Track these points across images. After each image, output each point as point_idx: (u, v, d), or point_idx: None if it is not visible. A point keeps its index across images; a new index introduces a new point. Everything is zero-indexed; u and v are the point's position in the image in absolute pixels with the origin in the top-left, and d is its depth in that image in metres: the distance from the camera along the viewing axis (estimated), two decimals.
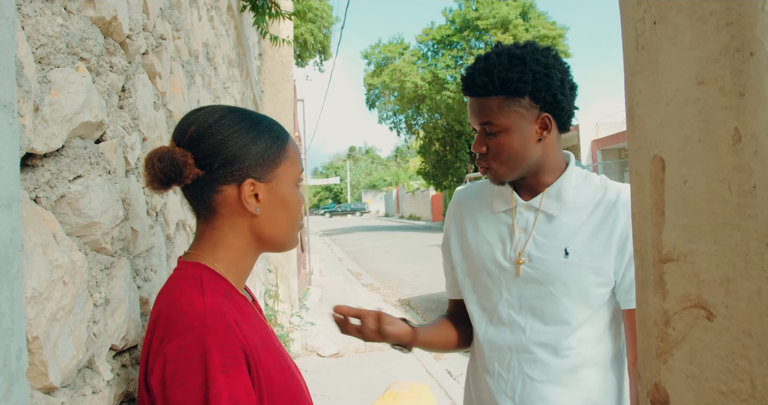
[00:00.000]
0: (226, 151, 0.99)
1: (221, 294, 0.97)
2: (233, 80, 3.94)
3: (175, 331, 0.88)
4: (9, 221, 0.59)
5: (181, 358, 0.86)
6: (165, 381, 0.86)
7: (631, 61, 0.76)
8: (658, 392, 0.73)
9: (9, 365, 0.58)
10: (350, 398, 4.92)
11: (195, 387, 0.85)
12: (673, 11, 0.68)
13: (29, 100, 0.71)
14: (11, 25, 0.62)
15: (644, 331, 0.76)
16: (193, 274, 0.98)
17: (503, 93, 1.33)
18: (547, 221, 1.42)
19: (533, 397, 1.41)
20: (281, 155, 1.04)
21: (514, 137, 1.34)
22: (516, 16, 26.80)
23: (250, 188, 1.00)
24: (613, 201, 1.40)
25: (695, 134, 0.66)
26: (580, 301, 1.38)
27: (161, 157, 0.96)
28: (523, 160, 1.37)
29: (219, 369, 0.86)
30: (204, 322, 0.89)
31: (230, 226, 1.02)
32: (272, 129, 1.06)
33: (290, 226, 1.07)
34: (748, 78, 0.60)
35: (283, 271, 7.24)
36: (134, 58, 1.23)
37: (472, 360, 1.59)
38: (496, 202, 1.50)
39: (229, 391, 0.86)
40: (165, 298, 0.96)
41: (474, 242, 1.51)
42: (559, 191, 1.42)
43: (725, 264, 0.63)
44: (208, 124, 1.00)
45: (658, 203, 0.71)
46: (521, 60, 1.33)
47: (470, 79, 1.35)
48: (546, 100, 1.34)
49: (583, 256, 1.37)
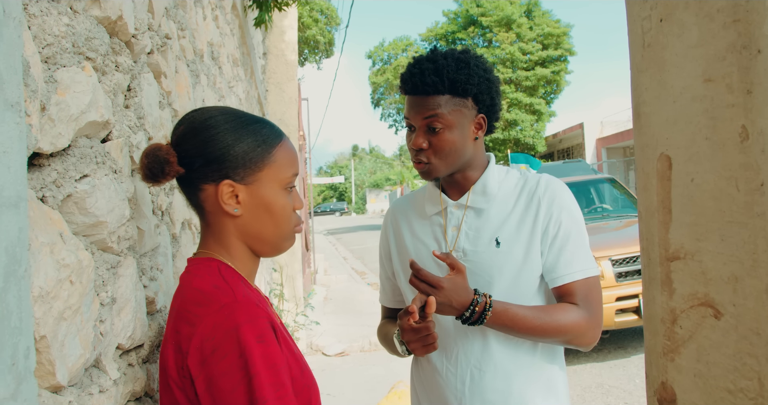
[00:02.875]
0: (207, 152, 1.01)
1: (240, 280, 1.02)
2: (238, 79, 3.95)
3: (207, 311, 0.92)
4: (16, 220, 0.59)
5: (218, 334, 0.89)
6: (206, 359, 0.89)
7: (637, 59, 0.75)
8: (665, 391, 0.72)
9: (17, 364, 0.58)
10: (355, 397, 4.92)
11: (235, 358, 0.87)
12: (679, 8, 0.68)
13: (36, 99, 0.72)
14: (18, 24, 0.62)
15: (651, 329, 0.75)
16: (210, 265, 1.02)
17: (450, 92, 1.40)
18: (476, 216, 1.50)
19: (483, 387, 1.45)
20: (266, 159, 1.05)
21: (456, 134, 1.41)
22: (520, 14, 26.77)
23: (229, 189, 1.02)
24: (533, 188, 1.48)
25: (702, 132, 0.65)
26: (516, 288, 1.44)
27: (148, 154, 1.00)
28: (460, 157, 1.44)
29: (255, 340, 0.89)
30: (235, 298, 0.93)
31: (219, 224, 1.05)
32: (260, 132, 1.06)
33: (276, 230, 1.07)
34: (756, 75, 0.60)
35: (288, 270, 7.25)
36: (140, 57, 1.24)
37: (416, 362, 1.62)
38: (428, 205, 1.58)
39: (268, 359, 0.89)
40: (186, 287, 0.99)
41: (411, 246, 1.58)
42: (485, 186, 1.50)
43: (732, 262, 0.63)
44: (195, 124, 1.04)
45: (665, 201, 0.71)
46: (466, 64, 1.41)
47: (419, 77, 1.40)
48: (485, 102, 1.44)
49: (513, 244, 1.44)
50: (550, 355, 1.49)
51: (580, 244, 1.45)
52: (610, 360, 5.77)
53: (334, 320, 8.03)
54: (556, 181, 1.50)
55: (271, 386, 0.88)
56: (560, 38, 26.71)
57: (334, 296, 10.13)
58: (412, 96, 1.43)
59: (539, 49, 26.56)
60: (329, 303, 9.53)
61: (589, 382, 5.17)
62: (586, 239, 1.47)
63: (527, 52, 26.55)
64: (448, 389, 1.49)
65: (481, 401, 1.45)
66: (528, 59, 26.53)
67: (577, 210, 1.48)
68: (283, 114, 7.66)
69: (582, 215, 1.49)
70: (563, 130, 24.83)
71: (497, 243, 1.45)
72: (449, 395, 1.48)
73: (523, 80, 25.98)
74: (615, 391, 4.96)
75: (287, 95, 7.77)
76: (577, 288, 1.42)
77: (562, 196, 1.47)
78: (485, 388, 1.45)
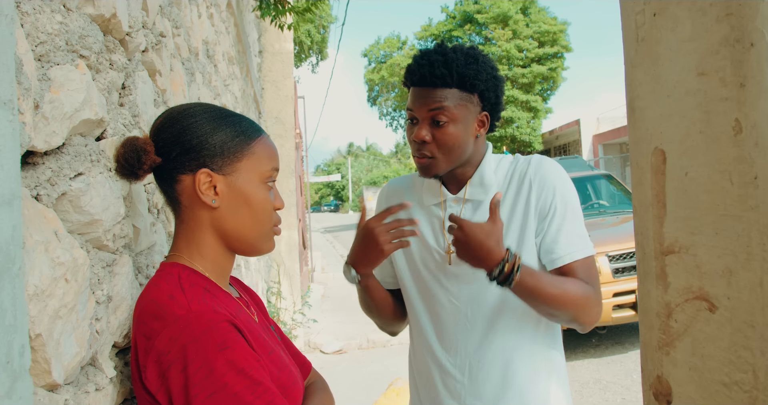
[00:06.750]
0: (185, 140, 0.99)
1: (201, 287, 0.97)
2: (233, 77, 3.94)
3: (162, 324, 0.88)
4: (10, 218, 0.59)
5: (174, 347, 0.86)
6: (164, 373, 0.86)
7: (631, 54, 0.75)
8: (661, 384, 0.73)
9: (12, 362, 0.58)
10: (353, 394, 4.93)
11: (195, 369, 0.85)
12: (673, 3, 0.68)
13: (29, 97, 0.71)
14: (10, 22, 0.62)
15: (646, 323, 0.76)
16: (171, 272, 0.98)
17: (458, 87, 1.38)
18: (475, 208, 1.49)
19: (482, 377, 1.45)
20: (244, 149, 1.03)
21: (460, 129, 1.39)
22: (517, 11, 26.77)
23: (206, 178, 1.00)
24: (524, 170, 1.46)
25: (696, 126, 0.66)
26: None
27: (125, 144, 0.98)
28: (462, 153, 1.43)
29: (217, 349, 0.86)
30: (189, 308, 0.89)
31: (194, 219, 1.02)
32: (239, 124, 1.05)
33: (254, 225, 1.04)
34: (749, 69, 0.60)
35: (285, 268, 7.25)
36: (134, 55, 1.23)
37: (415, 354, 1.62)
38: (426, 196, 1.56)
39: (234, 365, 0.86)
40: (145, 297, 0.96)
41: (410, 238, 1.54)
42: (482, 177, 1.48)
43: (727, 255, 0.63)
44: (174, 114, 1.03)
45: (660, 195, 0.71)
46: (475, 59, 1.39)
47: (428, 69, 1.38)
48: (491, 100, 1.42)
49: (507, 231, 1.43)
50: (550, 344, 1.49)
51: (577, 223, 1.43)
52: (607, 356, 5.78)
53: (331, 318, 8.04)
54: (546, 160, 1.47)
55: (246, 389, 0.86)
56: (556, 35, 26.72)
57: (331, 294, 10.13)
58: (418, 87, 1.41)
59: (535, 46, 26.58)
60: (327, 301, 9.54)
61: (586, 378, 5.19)
62: (581, 217, 1.45)
63: (523, 49, 26.57)
64: (447, 380, 1.49)
65: (481, 391, 1.45)
66: (524, 56, 26.55)
67: (571, 187, 1.46)
68: (279, 112, 7.65)
69: (576, 192, 1.47)
70: (560, 127, 24.84)
71: None
72: (450, 386, 1.49)
73: (519, 77, 25.99)
74: (612, 386, 4.97)
75: (283, 93, 7.76)
76: (578, 267, 1.40)
77: (554, 174, 1.44)
78: (485, 378, 1.45)
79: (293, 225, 7.47)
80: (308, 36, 16.16)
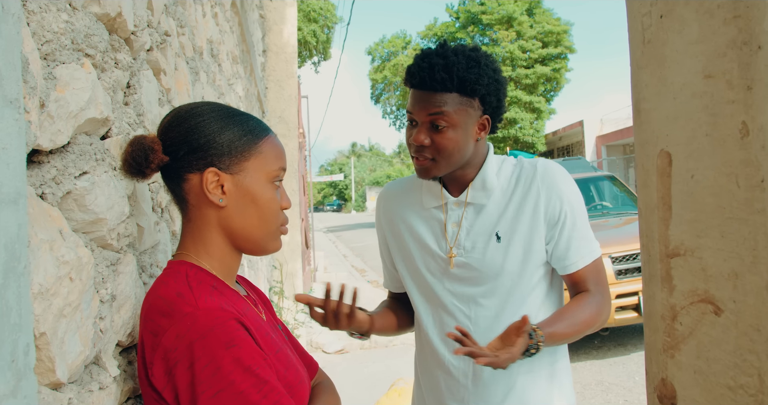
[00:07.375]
0: (192, 139, 1.00)
1: (209, 285, 0.98)
2: (237, 77, 3.94)
3: (169, 321, 0.89)
4: (15, 217, 0.59)
5: (181, 345, 0.86)
6: (170, 370, 0.86)
7: (637, 55, 0.75)
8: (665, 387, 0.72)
9: (17, 361, 0.58)
10: (356, 394, 4.93)
11: (201, 366, 0.85)
12: (679, 5, 0.68)
13: (35, 96, 0.72)
14: (17, 21, 0.62)
15: (651, 326, 0.75)
16: (179, 270, 0.99)
17: (458, 91, 1.36)
18: (477, 212, 1.48)
19: (486, 381, 1.45)
20: (252, 149, 1.03)
21: (459, 134, 1.38)
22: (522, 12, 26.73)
23: (214, 177, 1.00)
24: (531, 175, 1.46)
25: (702, 128, 0.65)
26: (520, 279, 1.44)
27: (132, 142, 0.98)
28: (461, 157, 1.42)
29: (224, 346, 0.86)
30: (197, 306, 0.90)
31: (201, 218, 1.02)
32: (246, 123, 1.05)
33: (261, 224, 1.04)
34: (756, 71, 0.60)
35: (288, 267, 7.25)
36: (139, 54, 1.24)
37: (419, 356, 1.63)
38: (426, 198, 1.54)
39: (241, 362, 0.87)
40: (152, 294, 0.96)
41: (409, 240, 1.56)
42: (484, 180, 1.47)
43: (733, 258, 0.63)
44: (181, 113, 1.03)
45: (665, 198, 0.71)
46: (477, 63, 1.37)
47: (428, 72, 1.36)
48: (492, 104, 1.41)
49: (513, 236, 1.43)
50: (553, 347, 1.48)
51: (585, 228, 1.45)
52: (610, 357, 5.77)
53: None
54: (552, 165, 1.47)
55: (253, 387, 0.86)
56: (560, 36, 26.67)
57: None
58: (418, 90, 1.39)
59: (539, 46, 26.53)
60: None
61: (589, 380, 5.18)
62: (587, 219, 1.47)
63: (527, 49, 26.53)
64: (451, 383, 1.49)
65: (485, 394, 1.45)
66: (528, 57, 26.51)
67: (577, 192, 1.47)
68: (282, 111, 7.65)
69: (581, 195, 1.48)
70: (563, 128, 24.81)
71: (497, 238, 1.44)
72: (453, 389, 1.49)
73: (522, 78, 25.95)
74: (615, 388, 4.96)
75: (287, 92, 7.76)
76: (589, 272, 1.43)
77: (562, 181, 1.44)
78: (489, 381, 1.45)
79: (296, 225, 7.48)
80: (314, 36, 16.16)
